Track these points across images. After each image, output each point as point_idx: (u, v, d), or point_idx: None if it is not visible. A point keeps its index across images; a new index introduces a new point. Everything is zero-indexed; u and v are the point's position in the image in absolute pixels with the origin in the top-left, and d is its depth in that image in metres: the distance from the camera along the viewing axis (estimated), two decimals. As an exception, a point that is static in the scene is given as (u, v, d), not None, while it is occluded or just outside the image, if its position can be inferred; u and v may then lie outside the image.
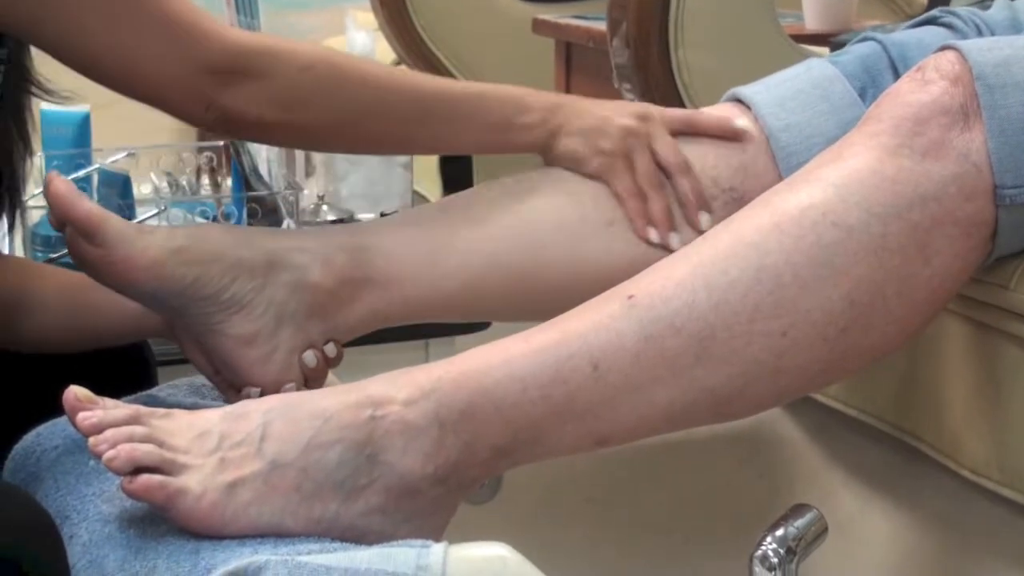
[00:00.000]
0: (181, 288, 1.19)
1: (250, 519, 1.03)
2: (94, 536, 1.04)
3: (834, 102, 1.29)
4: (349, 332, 1.25)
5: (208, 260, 1.20)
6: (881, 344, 1.13)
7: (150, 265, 1.18)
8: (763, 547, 1.14)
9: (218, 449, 1.05)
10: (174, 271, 1.19)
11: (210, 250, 1.21)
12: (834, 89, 1.29)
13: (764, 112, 1.29)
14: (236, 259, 1.21)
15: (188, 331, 1.21)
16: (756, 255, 1.10)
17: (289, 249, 1.24)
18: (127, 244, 1.18)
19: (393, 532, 1.06)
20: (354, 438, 1.06)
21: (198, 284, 1.19)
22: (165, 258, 1.18)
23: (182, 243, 1.20)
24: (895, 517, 1.46)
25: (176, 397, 1.23)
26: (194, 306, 1.19)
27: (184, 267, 1.19)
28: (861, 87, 1.30)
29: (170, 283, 1.19)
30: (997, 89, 1.12)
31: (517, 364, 1.09)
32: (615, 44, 2.02)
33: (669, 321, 1.09)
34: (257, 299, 1.21)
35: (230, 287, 1.20)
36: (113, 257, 1.17)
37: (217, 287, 1.20)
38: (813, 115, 1.28)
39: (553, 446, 1.11)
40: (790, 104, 1.29)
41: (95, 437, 1.02)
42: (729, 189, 1.28)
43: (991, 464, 1.28)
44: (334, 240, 1.27)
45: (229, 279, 1.20)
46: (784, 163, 1.27)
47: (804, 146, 1.27)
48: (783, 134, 1.28)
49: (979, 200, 1.12)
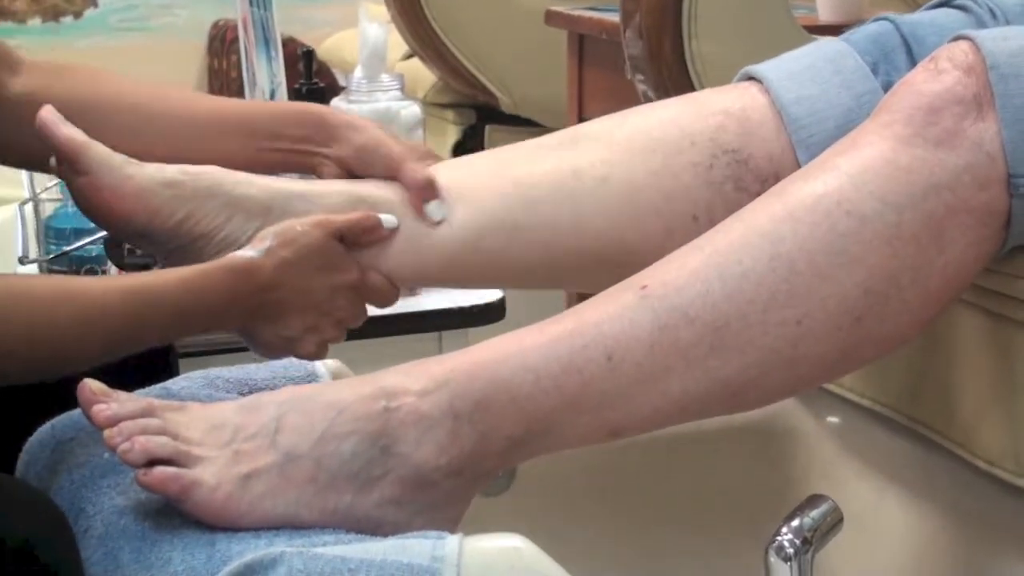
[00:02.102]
0: (173, 224, 1.18)
1: (265, 511, 1.03)
2: (109, 528, 1.04)
3: (846, 75, 1.27)
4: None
5: (202, 195, 1.19)
6: (896, 333, 1.13)
7: (137, 193, 1.17)
8: (779, 538, 1.13)
9: (232, 441, 1.05)
10: (163, 204, 1.18)
11: (204, 185, 1.20)
12: (846, 63, 1.28)
13: (776, 85, 1.27)
14: (232, 196, 1.21)
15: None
16: (770, 244, 1.10)
17: (289, 194, 1.23)
18: (113, 171, 1.17)
19: (408, 523, 1.06)
20: (368, 429, 1.06)
21: (191, 221, 1.19)
22: (153, 188, 1.18)
23: (173, 176, 1.20)
24: (910, 508, 1.46)
25: (190, 390, 1.23)
26: (189, 246, 1.19)
27: (175, 201, 1.18)
28: (873, 62, 1.28)
29: (160, 218, 1.18)
30: (1011, 78, 1.12)
31: (531, 355, 1.09)
32: (628, 35, 2.02)
33: (683, 311, 1.09)
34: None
35: (225, 226, 1.20)
36: (99, 183, 1.17)
37: (212, 224, 1.19)
38: (825, 87, 1.27)
39: (567, 437, 1.11)
40: (801, 77, 1.27)
41: (110, 430, 1.02)
42: (731, 151, 1.26)
43: (1006, 455, 1.28)
44: (334, 187, 1.26)
45: (224, 217, 1.20)
46: (796, 135, 1.25)
47: (816, 118, 1.26)
48: (794, 107, 1.26)
49: (993, 189, 1.11)
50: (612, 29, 2.26)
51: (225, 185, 1.21)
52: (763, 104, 1.27)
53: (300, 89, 1.87)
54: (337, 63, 3.77)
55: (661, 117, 1.30)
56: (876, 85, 1.26)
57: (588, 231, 1.26)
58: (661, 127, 1.28)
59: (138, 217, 1.18)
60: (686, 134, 1.27)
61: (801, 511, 1.15)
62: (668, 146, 1.27)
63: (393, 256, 1.26)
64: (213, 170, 1.22)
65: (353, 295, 1.23)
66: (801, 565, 1.13)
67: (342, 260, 1.22)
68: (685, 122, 1.28)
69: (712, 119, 1.27)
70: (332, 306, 1.21)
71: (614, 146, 1.28)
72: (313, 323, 1.20)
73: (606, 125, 1.31)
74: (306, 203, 1.23)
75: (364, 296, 1.24)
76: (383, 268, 1.25)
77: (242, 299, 1.14)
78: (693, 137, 1.27)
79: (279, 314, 1.17)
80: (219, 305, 1.13)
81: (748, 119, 1.27)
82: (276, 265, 1.16)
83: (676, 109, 1.31)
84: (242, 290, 1.14)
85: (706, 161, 1.26)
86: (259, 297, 1.15)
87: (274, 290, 1.16)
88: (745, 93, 1.29)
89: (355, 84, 1.84)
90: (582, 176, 1.27)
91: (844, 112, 1.24)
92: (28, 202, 1.53)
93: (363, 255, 1.24)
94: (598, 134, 1.30)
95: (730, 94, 1.30)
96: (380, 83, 1.83)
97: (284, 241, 1.17)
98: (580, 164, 1.27)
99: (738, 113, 1.27)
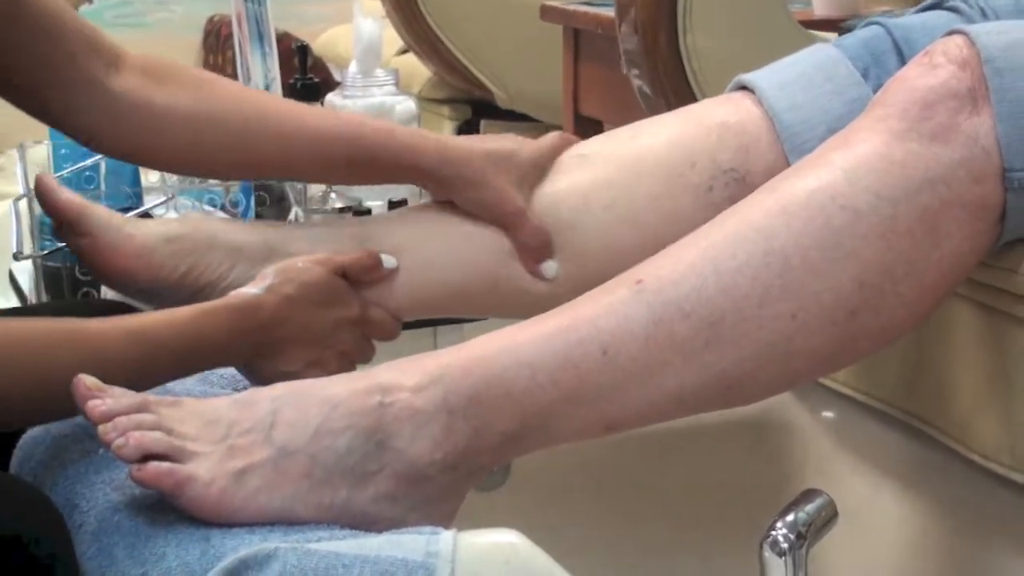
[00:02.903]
0: (177, 278, 1.19)
1: (259, 506, 1.03)
2: (103, 524, 1.04)
3: (838, 82, 1.28)
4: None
5: (203, 248, 1.20)
6: (891, 327, 1.13)
7: (139, 252, 1.18)
8: (773, 532, 1.13)
9: (227, 436, 1.04)
10: (165, 260, 1.19)
11: (204, 238, 1.21)
12: (837, 71, 1.29)
13: (768, 95, 1.29)
14: (234, 245, 1.21)
15: None
16: (764, 238, 1.10)
17: (289, 236, 1.24)
18: (112, 231, 1.18)
19: (403, 519, 1.06)
20: (363, 424, 1.06)
21: (194, 273, 1.20)
22: (154, 245, 1.18)
23: (173, 231, 1.20)
24: (905, 502, 1.46)
25: (185, 385, 1.23)
26: (197, 298, 1.19)
27: (176, 257, 1.19)
28: (864, 67, 1.29)
29: (163, 273, 1.19)
30: (1006, 72, 1.12)
31: (526, 350, 1.09)
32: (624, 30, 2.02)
33: (678, 305, 1.09)
34: None
35: (228, 274, 1.20)
36: (100, 244, 1.18)
37: (215, 274, 1.20)
38: (817, 95, 1.28)
39: (562, 431, 1.11)
40: (793, 86, 1.29)
41: (104, 425, 1.02)
42: (730, 170, 1.28)
43: (1001, 449, 1.28)
44: (340, 230, 1.27)
45: (227, 266, 1.20)
46: (789, 143, 1.27)
47: (808, 125, 1.27)
48: (787, 114, 1.27)
49: (988, 183, 1.11)
50: (607, 24, 2.26)
51: (225, 235, 1.22)
52: (758, 116, 1.29)
53: (295, 84, 1.87)
54: (332, 58, 3.77)
55: (668, 137, 1.32)
56: (867, 91, 1.26)
57: (590, 257, 1.28)
58: (668, 149, 1.30)
59: (141, 274, 1.19)
60: (688, 154, 1.29)
61: (796, 506, 1.15)
62: (670, 168, 1.29)
63: (397, 290, 1.27)
64: (212, 221, 1.23)
65: (355, 330, 1.24)
66: (796, 560, 1.13)
67: (343, 295, 1.23)
68: (688, 140, 1.30)
69: (712, 136, 1.29)
70: (335, 340, 1.22)
71: (622, 169, 1.30)
72: (316, 357, 1.21)
73: (615, 146, 1.34)
74: (309, 243, 1.24)
75: (366, 331, 1.25)
76: (389, 304, 1.26)
77: (245, 336, 1.15)
78: (694, 157, 1.29)
79: (281, 349, 1.18)
80: (222, 343, 1.14)
81: (745, 132, 1.29)
82: (278, 302, 1.17)
83: (679, 128, 1.32)
84: (245, 327, 1.15)
85: (705, 183, 1.28)
86: (262, 334, 1.16)
87: (277, 326, 1.17)
88: (740, 105, 1.31)
89: (350, 79, 1.84)
90: (590, 203, 1.29)
91: (835, 118, 1.25)
92: (22, 198, 1.52)
93: (367, 291, 1.25)
94: (609, 156, 1.33)
95: (727, 107, 1.32)
96: (375, 78, 1.83)
97: (286, 278, 1.18)
98: (588, 190, 1.29)
99: (735, 127, 1.29)
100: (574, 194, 1.30)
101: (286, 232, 1.25)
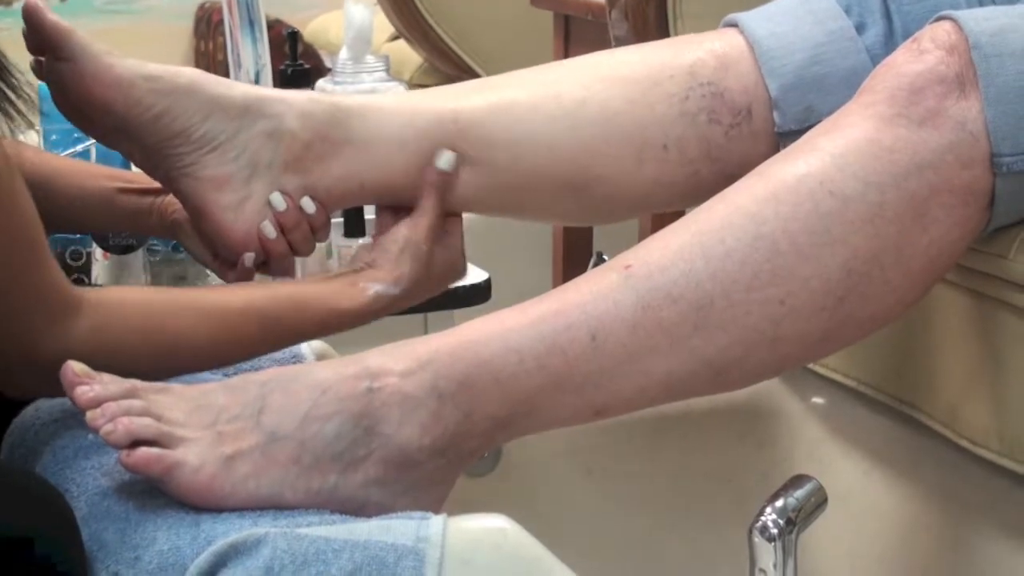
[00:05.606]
0: (150, 118, 1.18)
1: (249, 491, 1.03)
2: (93, 509, 1.04)
3: (819, 15, 1.29)
4: (327, 193, 1.25)
5: (181, 91, 1.20)
6: (879, 313, 1.14)
7: (117, 82, 1.18)
8: (763, 518, 1.14)
9: (216, 422, 1.05)
10: (142, 96, 1.18)
11: (184, 83, 1.21)
12: (819, 4, 1.30)
13: (751, 24, 1.30)
14: (210, 96, 1.21)
15: (160, 173, 1.22)
16: (753, 224, 1.10)
17: (267, 97, 1.24)
18: (95, 58, 1.18)
19: (392, 504, 1.06)
20: (352, 410, 1.06)
21: (168, 116, 1.19)
22: (133, 79, 1.18)
23: (154, 71, 1.20)
24: (895, 488, 1.46)
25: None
26: (166, 145, 1.19)
27: (154, 94, 1.19)
28: (847, 5, 1.29)
29: (138, 110, 1.18)
30: (994, 58, 1.12)
31: (515, 335, 1.09)
32: (614, 16, 2.02)
33: (667, 291, 1.09)
34: (231, 142, 1.21)
35: (202, 125, 1.20)
36: (82, 70, 1.17)
37: (189, 122, 1.20)
38: (797, 24, 1.29)
39: (551, 417, 1.11)
40: (776, 17, 1.30)
41: (93, 411, 1.02)
42: (707, 83, 1.28)
43: (990, 434, 1.29)
44: (313, 97, 1.27)
45: (201, 116, 1.20)
46: (767, 65, 1.27)
47: (787, 51, 1.27)
48: (767, 40, 1.28)
49: (976, 168, 1.12)
50: (598, 10, 2.26)
51: (205, 84, 1.22)
52: (740, 43, 1.30)
53: (286, 71, 1.87)
54: (323, 45, 3.77)
55: (645, 53, 1.32)
56: (848, 24, 1.27)
57: (561, 152, 1.27)
58: (644, 62, 1.30)
59: (117, 107, 1.18)
60: (666, 67, 1.30)
61: (785, 491, 1.16)
62: (648, 78, 1.29)
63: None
64: (193, 70, 1.23)
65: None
66: (785, 545, 1.13)
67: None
68: (667, 56, 1.31)
69: (692, 55, 1.30)
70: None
71: (598, 75, 1.30)
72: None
73: (595, 56, 1.34)
74: (282, 105, 1.23)
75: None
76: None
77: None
78: (672, 70, 1.29)
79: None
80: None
81: (726, 55, 1.29)
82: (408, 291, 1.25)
83: (661, 47, 1.33)
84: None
85: (682, 92, 1.28)
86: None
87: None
88: (725, 35, 1.32)
89: (341, 66, 1.84)
90: (562, 98, 1.29)
91: (814, 45, 1.26)
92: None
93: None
94: (584, 63, 1.33)
95: (711, 35, 1.33)
96: (366, 64, 1.83)
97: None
98: (561, 88, 1.29)
99: (718, 51, 1.30)
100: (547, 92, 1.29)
101: (264, 92, 1.25)
